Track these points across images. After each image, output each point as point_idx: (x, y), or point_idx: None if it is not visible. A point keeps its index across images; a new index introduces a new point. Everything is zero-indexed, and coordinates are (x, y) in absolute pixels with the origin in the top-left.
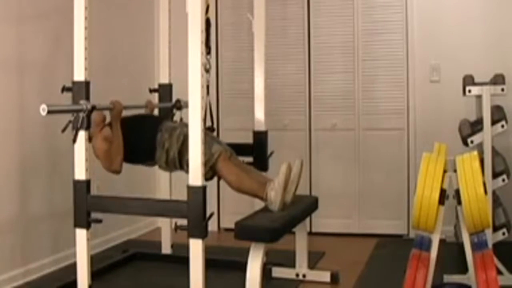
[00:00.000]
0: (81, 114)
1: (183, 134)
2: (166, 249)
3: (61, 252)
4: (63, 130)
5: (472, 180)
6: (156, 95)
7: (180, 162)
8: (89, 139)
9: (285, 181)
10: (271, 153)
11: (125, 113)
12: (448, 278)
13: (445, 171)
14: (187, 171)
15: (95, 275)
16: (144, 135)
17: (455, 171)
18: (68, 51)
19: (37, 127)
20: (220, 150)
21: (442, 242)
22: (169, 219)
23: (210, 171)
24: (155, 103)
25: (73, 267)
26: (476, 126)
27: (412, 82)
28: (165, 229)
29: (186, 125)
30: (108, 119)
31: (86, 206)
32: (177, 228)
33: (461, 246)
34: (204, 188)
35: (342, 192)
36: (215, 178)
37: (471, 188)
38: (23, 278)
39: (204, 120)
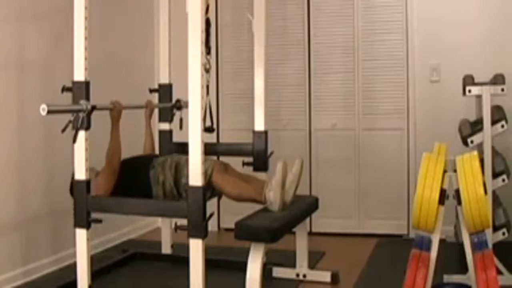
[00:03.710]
0: (81, 114)
1: (175, 162)
2: (166, 249)
3: (61, 252)
4: (63, 130)
5: (472, 180)
6: (156, 95)
7: (178, 191)
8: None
9: (282, 179)
10: (271, 153)
11: (125, 113)
12: (448, 278)
13: (445, 171)
14: (186, 198)
15: (95, 275)
16: (138, 175)
17: (455, 171)
18: (68, 51)
19: (37, 127)
20: (213, 164)
21: (442, 242)
22: (169, 219)
23: (209, 189)
24: (155, 103)
25: (73, 267)
26: (476, 126)
27: (412, 82)
28: (165, 229)
29: (177, 155)
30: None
31: (86, 206)
32: (177, 228)
33: (461, 246)
34: (204, 188)
35: (342, 192)
36: None
37: (471, 188)
38: (23, 278)
39: (204, 120)
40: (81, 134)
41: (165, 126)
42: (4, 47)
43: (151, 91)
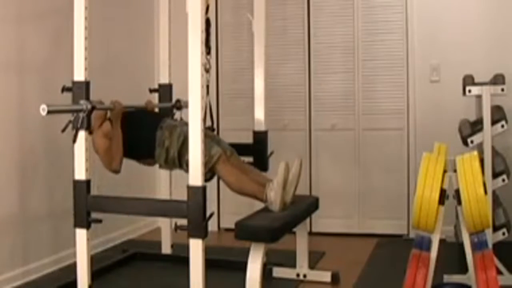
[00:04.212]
0: (81, 114)
1: (183, 134)
2: (166, 249)
3: (61, 252)
4: (63, 130)
5: (472, 180)
6: (156, 95)
7: (180, 162)
8: (90, 133)
9: (284, 180)
10: (271, 153)
11: None
12: (448, 278)
13: (445, 171)
14: (186, 171)
15: (95, 275)
16: (144, 132)
17: (455, 171)
18: (68, 51)
19: (37, 127)
20: (220, 152)
21: (442, 242)
22: (169, 219)
23: (209, 173)
24: (155, 103)
25: (73, 267)
26: (476, 126)
27: (412, 82)
28: (165, 229)
29: (186, 124)
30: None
31: (86, 206)
32: (177, 228)
33: (461, 246)
34: (204, 188)
35: (342, 192)
36: (215, 179)
37: (471, 188)
38: (23, 278)
39: (204, 120)
40: (81, 134)
41: None
42: (4, 47)
43: (151, 91)
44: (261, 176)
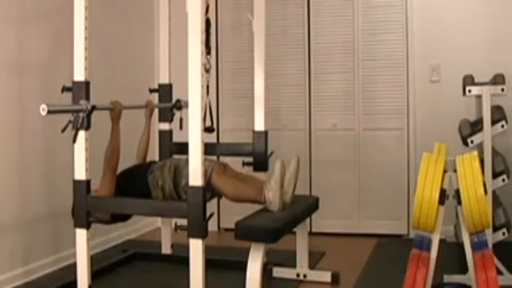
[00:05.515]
0: (81, 114)
1: (174, 165)
2: (166, 249)
3: (61, 252)
4: (63, 130)
5: (472, 180)
6: (156, 95)
7: (178, 192)
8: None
9: (281, 178)
10: (271, 153)
11: (125, 113)
12: (448, 278)
13: (445, 171)
14: (185, 200)
15: (95, 275)
16: (137, 181)
17: (455, 171)
18: (68, 51)
19: (37, 127)
20: (212, 165)
21: (442, 242)
22: (169, 219)
23: (209, 191)
24: (155, 103)
25: (73, 267)
26: (476, 126)
27: (412, 82)
28: (165, 229)
29: (174, 158)
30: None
31: (86, 206)
32: (177, 228)
33: (461, 246)
34: (204, 188)
35: (342, 192)
36: None
37: (471, 188)
38: (23, 278)
39: (204, 120)
40: (81, 134)
41: (165, 126)
42: (4, 47)
43: (151, 91)
44: (259, 181)
